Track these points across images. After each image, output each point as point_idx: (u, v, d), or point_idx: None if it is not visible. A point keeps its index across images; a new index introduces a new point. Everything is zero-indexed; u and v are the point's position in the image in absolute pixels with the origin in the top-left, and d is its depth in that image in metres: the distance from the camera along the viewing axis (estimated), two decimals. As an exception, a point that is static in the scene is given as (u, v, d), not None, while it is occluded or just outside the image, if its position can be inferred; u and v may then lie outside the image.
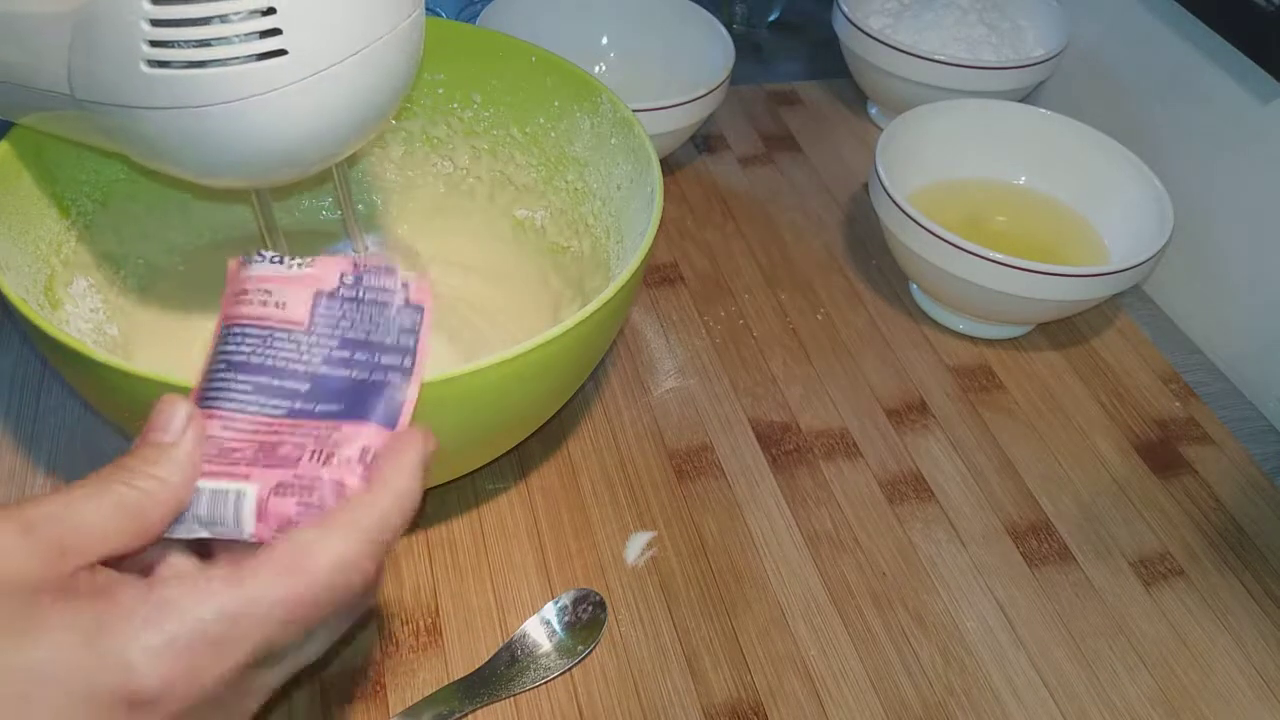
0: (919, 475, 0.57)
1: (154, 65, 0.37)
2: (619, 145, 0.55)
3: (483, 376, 0.41)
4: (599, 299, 0.44)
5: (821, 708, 0.46)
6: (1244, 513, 0.57)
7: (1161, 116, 0.71)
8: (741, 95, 0.83)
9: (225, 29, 0.36)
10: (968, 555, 0.53)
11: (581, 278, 0.57)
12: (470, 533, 0.51)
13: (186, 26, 0.36)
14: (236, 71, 0.37)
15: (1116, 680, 0.49)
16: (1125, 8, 0.74)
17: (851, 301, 0.67)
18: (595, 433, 0.57)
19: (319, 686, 0.45)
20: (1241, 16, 0.62)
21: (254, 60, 0.37)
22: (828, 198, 0.75)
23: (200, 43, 0.36)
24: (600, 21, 0.78)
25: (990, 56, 0.77)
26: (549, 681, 0.46)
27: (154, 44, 0.36)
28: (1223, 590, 0.53)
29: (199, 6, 0.36)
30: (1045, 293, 0.59)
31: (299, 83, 0.38)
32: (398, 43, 0.41)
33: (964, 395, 0.62)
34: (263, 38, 0.37)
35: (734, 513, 0.54)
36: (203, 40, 0.36)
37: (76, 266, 0.52)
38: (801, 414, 0.59)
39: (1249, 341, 0.66)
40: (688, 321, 0.64)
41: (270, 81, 0.38)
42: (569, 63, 0.58)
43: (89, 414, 0.54)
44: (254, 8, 0.36)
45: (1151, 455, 0.60)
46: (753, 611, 0.50)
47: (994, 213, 0.69)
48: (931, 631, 0.50)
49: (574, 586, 0.49)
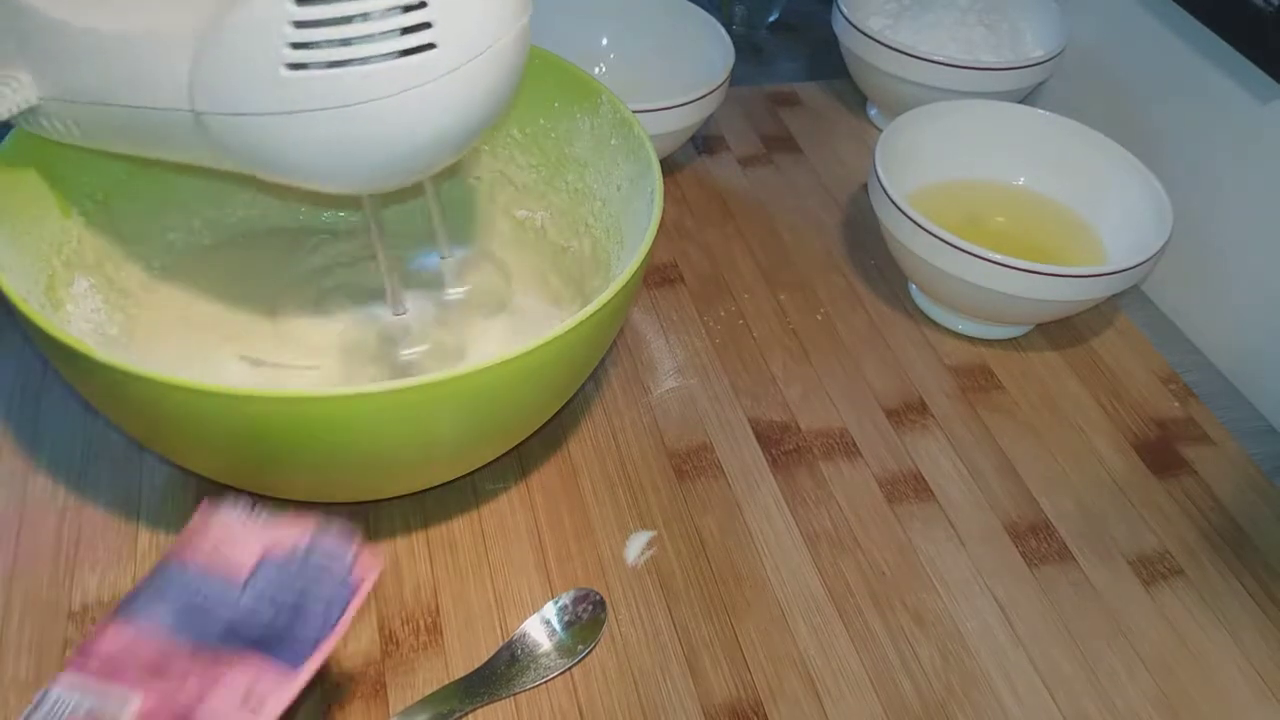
0: (918, 475, 0.57)
1: (294, 68, 0.36)
2: (619, 146, 0.55)
3: (483, 376, 0.41)
4: (599, 299, 0.44)
5: (821, 707, 0.47)
6: (1243, 513, 0.57)
7: (1161, 116, 0.71)
8: (741, 96, 0.83)
9: (371, 26, 0.36)
10: (967, 555, 0.53)
11: (581, 278, 0.57)
12: (470, 532, 0.51)
13: (331, 26, 0.36)
14: (382, 68, 0.37)
15: (1116, 680, 0.49)
16: (1125, 8, 0.74)
17: (851, 301, 0.67)
18: (595, 433, 0.57)
19: (319, 686, 0.45)
20: (1241, 16, 0.62)
21: (400, 56, 0.37)
22: (827, 198, 0.75)
23: (343, 41, 0.36)
24: (600, 22, 0.78)
25: (989, 57, 0.77)
26: (549, 681, 0.46)
27: (296, 46, 0.36)
28: (1222, 590, 0.53)
29: (346, 5, 0.35)
30: (1044, 293, 0.59)
31: (444, 77, 0.38)
32: (521, 39, 0.41)
33: (963, 395, 0.62)
34: (410, 33, 0.36)
35: (734, 513, 0.54)
36: (346, 39, 0.36)
37: (78, 267, 0.52)
38: (801, 414, 0.59)
39: (1248, 341, 0.66)
40: (687, 321, 0.64)
41: (418, 76, 0.37)
42: (569, 63, 0.58)
43: (90, 414, 0.54)
44: (404, 3, 0.36)
45: (1150, 455, 0.60)
46: (753, 611, 0.50)
47: (993, 213, 0.69)
48: (931, 631, 0.50)
49: (574, 586, 0.49)
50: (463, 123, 0.40)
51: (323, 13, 0.35)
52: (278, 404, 0.39)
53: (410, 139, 0.39)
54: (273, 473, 0.46)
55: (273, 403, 0.39)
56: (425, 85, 0.38)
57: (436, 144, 0.41)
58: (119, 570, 0.48)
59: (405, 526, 0.51)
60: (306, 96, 0.37)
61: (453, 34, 0.37)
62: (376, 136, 0.39)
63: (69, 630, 0.46)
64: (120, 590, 0.47)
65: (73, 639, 0.45)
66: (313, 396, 0.39)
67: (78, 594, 0.47)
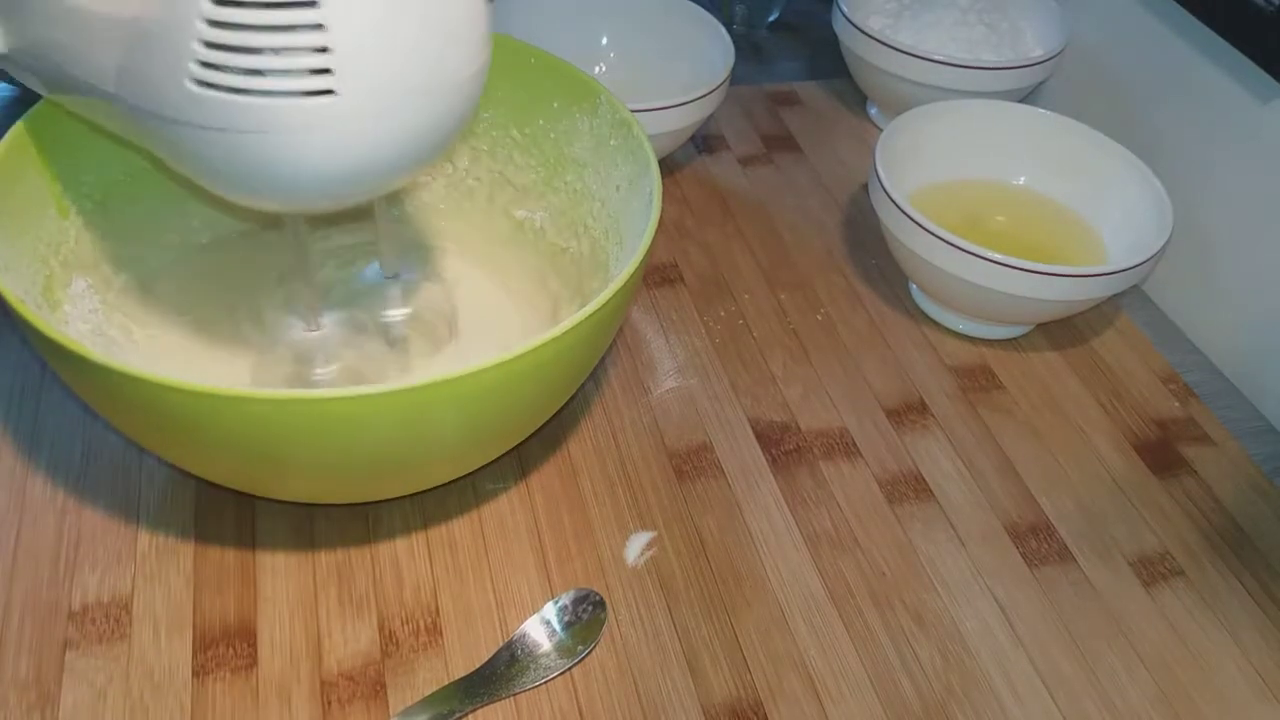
0: (918, 475, 0.57)
1: (200, 85, 0.36)
2: (618, 146, 0.55)
3: (483, 377, 0.41)
4: (598, 300, 0.44)
5: (821, 707, 0.46)
6: (1243, 513, 0.57)
7: (1161, 116, 0.71)
8: (741, 95, 0.83)
9: (276, 61, 0.36)
10: (967, 555, 0.53)
11: (581, 279, 0.57)
12: (470, 533, 0.51)
13: (239, 53, 0.35)
14: (282, 104, 0.36)
15: (1116, 680, 0.49)
16: (1125, 8, 0.74)
17: (851, 301, 0.67)
18: (595, 433, 0.57)
19: (320, 686, 0.45)
20: (1241, 16, 0.62)
21: (300, 96, 0.36)
22: (827, 198, 0.75)
23: (250, 71, 0.36)
24: (600, 21, 0.78)
25: (990, 57, 0.77)
26: (549, 681, 0.46)
27: (204, 65, 0.36)
28: (1222, 590, 0.53)
29: (255, 35, 0.35)
30: (1045, 293, 0.59)
31: (342, 123, 0.37)
32: (454, 93, 0.40)
33: (964, 395, 0.62)
34: (312, 75, 0.36)
35: (734, 512, 0.54)
36: (253, 69, 0.36)
37: (75, 267, 0.52)
38: (801, 414, 0.59)
39: (1248, 341, 0.66)
40: (688, 321, 0.64)
41: (315, 119, 0.37)
42: (568, 64, 0.58)
43: (88, 415, 0.54)
44: (309, 45, 0.35)
45: (1151, 455, 0.60)
46: (753, 611, 0.50)
47: (994, 213, 0.69)
48: (931, 631, 0.50)
49: (574, 586, 0.49)
50: (374, 165, 0.39)
51: (232, 39, 0.35)
52: (276, 405, 0.39)
53: (314, 173, 0.39)
54: (271, 475, 0.45)
55: (271, 404, 0.39)
56: (327, 127, 0.37)
57: (347, 180, 0.40)
58: (119, 570, 0.48)
59: (405, 526, 0.51)
60: (212, 115, 0.37)
61: (358, 84, 0.37)
62: (280, 164, 0.38)
63: (69, 630, 0.46)
64: (120, 590, 0.47)
65: (73, 639, 0.45)
66: (311, 398, 0.39)
67: (78, 594, 0.47)
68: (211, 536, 0.50)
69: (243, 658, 0.46)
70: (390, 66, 0.37)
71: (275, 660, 0.46)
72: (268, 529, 0.50)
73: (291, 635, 0.47)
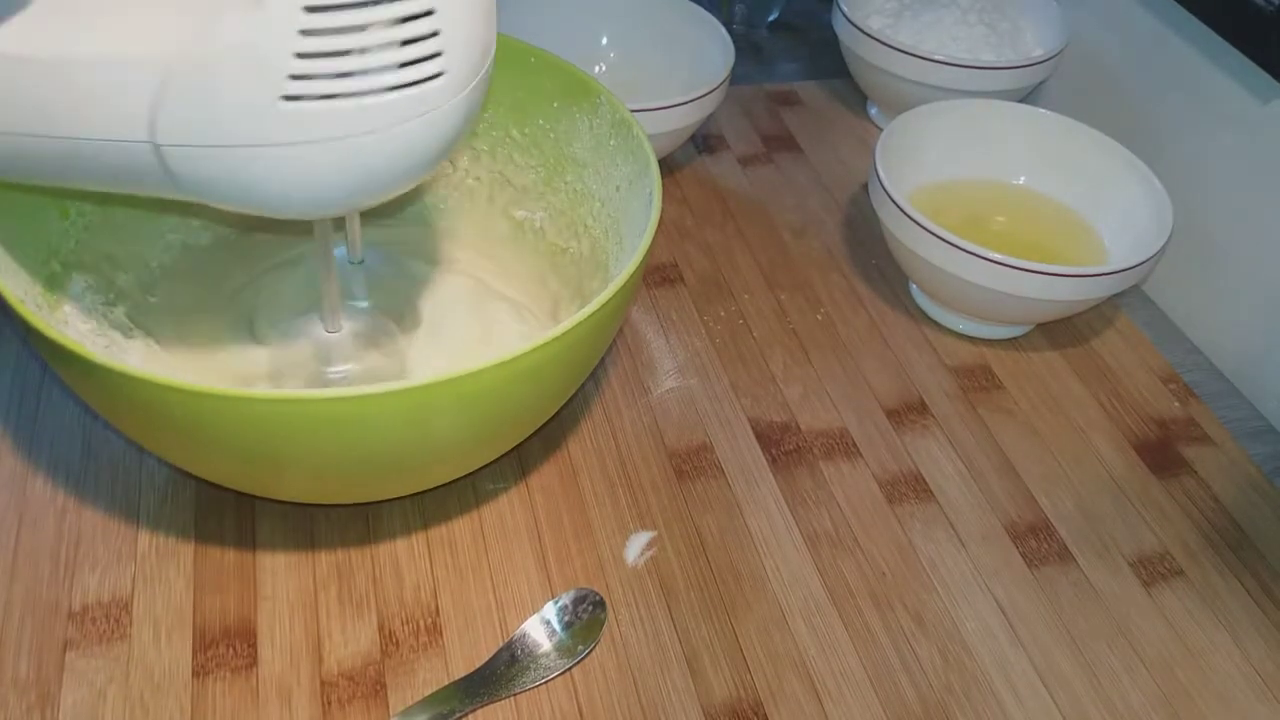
0: (918, 475, 0.57)
1: (290, 99, 0.35)
2: (618, 146, 0.55)
3: (483, 377, 0.41)
4: (597, 300, 0.44)
5: (821, 707, 0.47)
6: (1243, 513, 0.57)
7: (1161, 117, 0.71)
8: (741, 95, 0.83)
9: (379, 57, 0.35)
10: (967, 555, 0.53)
11: (580, 279, 0.57)
12: (470, 533, 0.51)
13: (336, 58, 0.35)
14: (393, 99, 0.36)
15: (1116, 680, 0.49)
16: (1125, 8, 0.74)
17: (851, 301, 0.67)
18: (595, 433, 0.57)
19: (320, 686, 0.45)
20: (1241, 16, 0.62)
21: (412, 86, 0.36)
22: (827, 198, 0.75)
23: (343, 74, 0.35)
24: (600, 21, 0.78)
25: (990, 56, 0.77)
26: (549, 681, 0.46)
27: (295, 78, 0.35)
28: (1222, 590, 0.53)
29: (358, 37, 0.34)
30: (1045, 293, 0.59)
31: (449, 100, 0.37)
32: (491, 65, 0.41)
33: (964, 395, 0.62)
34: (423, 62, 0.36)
35: (734, 512, 0.54)
36: (345, 72, 0.35)
37: (75, 268, 0.52)
38: (801, 414, 0.59)
39: (1248, 341, 0.66)
40: (688, 321, 0.64)
41: (426, 105, 0.37)
42: (568, 63, 0.58)
43: (88, 416, 0.54)
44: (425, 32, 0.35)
45: (1151, 455, 0.60)
46: (753, 611, 0.50)
47: (994, 213, 0.69)
48: (931, 631, 0.50)
49: (574, 586, 0.49)
50: (448, 145, 0.40)
51: (326, 45, 0.34)
52: (276, 405, 0.39)
53: (390, 168, 0.39)
54: (272, 475, 0.45)
55: (271, 404, 0.39)
56: (435, 110, 0.37)
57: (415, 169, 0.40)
58: (119, 570, 0.48)
59: (405, 526, 0.51)
60: (297, 129, 0.36)
61: (458, 58, 0.37)
62: (360, 166, 0.38)
63: (69, 630, 0.46)
64: (120, 590, 0.47)
65: (73, 639, 0.45)
66: (312, 398, 0.39)
67: (78, 594, 0.47)
68: (211, 536, 0.50)
69: (243, 658, 0.46)
70: (479, 32, 0.38)
71: (275, 660, 0.46)
72: (268, 529, 0.50)
73: (291, 635, 0.47)
